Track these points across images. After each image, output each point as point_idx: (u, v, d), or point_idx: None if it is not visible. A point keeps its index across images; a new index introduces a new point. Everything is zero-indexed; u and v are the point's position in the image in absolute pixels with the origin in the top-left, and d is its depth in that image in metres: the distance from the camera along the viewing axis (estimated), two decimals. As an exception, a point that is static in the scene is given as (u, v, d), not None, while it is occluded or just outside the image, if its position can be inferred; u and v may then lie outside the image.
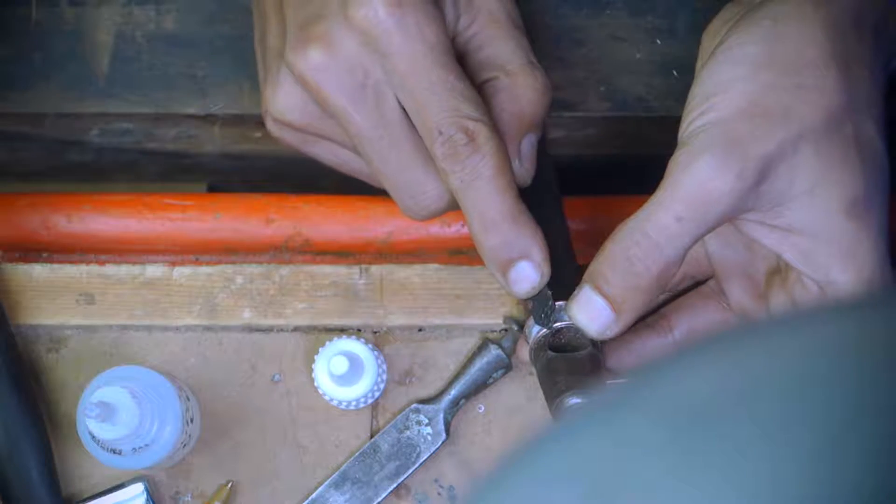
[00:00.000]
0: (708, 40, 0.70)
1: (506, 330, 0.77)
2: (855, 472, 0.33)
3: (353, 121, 0.66)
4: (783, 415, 0.34)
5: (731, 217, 0.66)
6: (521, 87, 0.69)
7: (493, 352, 0.76)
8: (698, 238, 0.66)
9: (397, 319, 0.77)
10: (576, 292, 0.68)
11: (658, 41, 0.81)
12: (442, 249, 0.81)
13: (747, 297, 0.72)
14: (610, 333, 0.68)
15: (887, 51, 0.68)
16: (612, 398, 0.39)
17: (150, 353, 0.77)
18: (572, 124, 0.82)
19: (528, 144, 0.70)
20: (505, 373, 0.76)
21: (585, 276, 0.68)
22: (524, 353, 0.73)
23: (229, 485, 0.76)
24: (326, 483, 0.76)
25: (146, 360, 0.77)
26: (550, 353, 0.70)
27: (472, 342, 0.77)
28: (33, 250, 0.81)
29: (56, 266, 0.78)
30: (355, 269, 0.78)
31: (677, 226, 0.65)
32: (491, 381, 0.76)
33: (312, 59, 0.66)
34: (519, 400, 0.77)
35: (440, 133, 0.66)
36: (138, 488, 0.75)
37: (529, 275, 0.68)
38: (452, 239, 0.80)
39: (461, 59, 0.69)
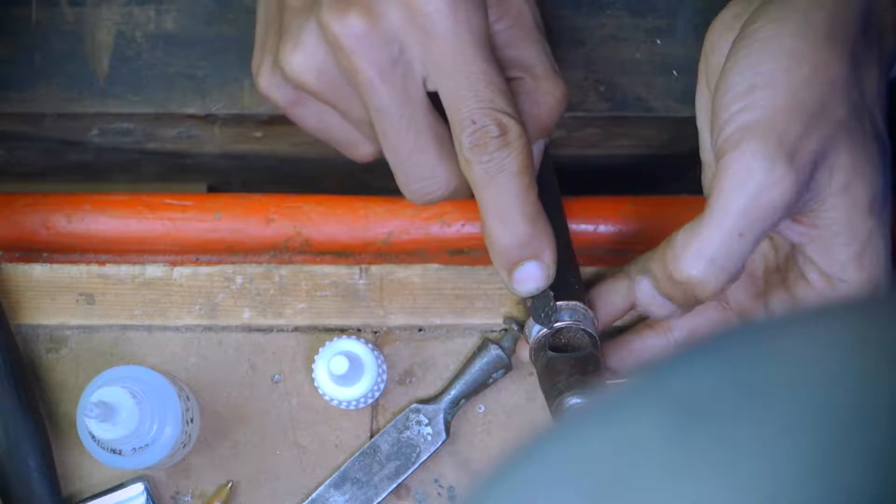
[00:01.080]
0: (716, 35, 0.69)
1: (506, 330, 0.77)
2: (856, 472, 0.33)
3: (378, 94, 0.66)
4: (783, 415, 0.34)
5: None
6: (543, 93, 0.69)
7: (493, 352, 0.76)
8: (757, 245, 0.65)
9: (397, 319, 0.77)
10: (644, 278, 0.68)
11: (658, 41, 0.81)
12: (442, 249, 0.81)
13: (746, 296, 0.72)
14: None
15: (889, 56, 0.68)
16: (613, 398, 0.39)
17: (150, 353, 0.77)
18: (572, 124, 0.82)
19: (537, 149, 0.70)
20: (505, 373, 0.76)
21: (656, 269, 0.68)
22: (524, 352, 0.73)
23: (229, 485, 0.76)
24: (326, 483, 0.76)
25: (146, 360, 0.77)
26: (551, 353, 0.70)
27: (472, 342, 0.77)
28: (33, 250, 0.81)
29: (56, 266, 0.78)
30: (355, 269, 0.78)
31: (739, 242, 0.64)
32: (491, 381, 0.76)
33: (351, 25, 0.65)
34: (519, 400, 0.77)
35: (473, 122, 0.65)
36: (138, 488, 0.75)
37: (536, 275, 0.68)
38: (453, 239, 0.80)
39: None
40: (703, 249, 0.64)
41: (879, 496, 0.32)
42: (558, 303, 0.70)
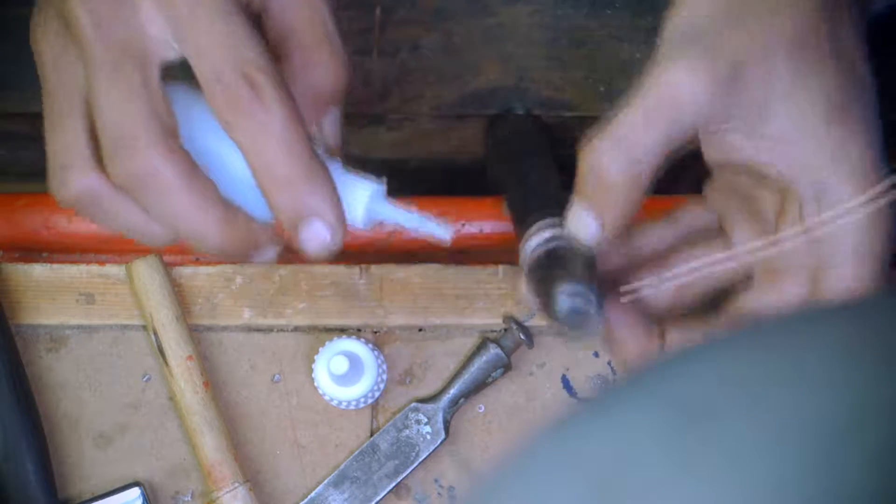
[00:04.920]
0: None
1: (506, 329, 0.77)
2: (857, 472, 0.33)
3: (93, 49, 0.60)
4: (784, 414, 0.34)
5: (709, 122, 0.66)
6: (316, 64, 0.63)
7: (493, 351, 0.76)
8: (673, 140, 0.65)
9: (397, 319, 0.77)
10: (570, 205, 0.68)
11: (658, 41, 0.81)
12: (442, 249, 0.81)
13: (757, 237, 0.71)
14: (603, 240, 0.67)
15: None
16: (613, 398, 0.39)
17: (149, 353, 0.77)
18: (572, 124, 0.82)
19: (330, 120, 0.65)
20: (504, 372, 0.76)
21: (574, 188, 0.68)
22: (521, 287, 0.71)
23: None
24: (325, 482, 0.76)
25: (145, 360, 0.77)
26: (545, 268, 0.68)
27: (472, 342, 0.77)
28: (33, 250, 0.81)
29: (56, 266, 0.78)
30: (355, 269, 0.78)
31: (646, 124, 0.65)
32: (490, 380, 0.76)
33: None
34: (519, 400, 0.77)
35: (219, 81, 0.58)
36: (134, 493, 0.75)
37: (321, 234, 0.62)
38: (452, 239, 0.80)
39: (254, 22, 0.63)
40: (609, 126, 0.65)
41: (879, 494, 0.32)
42: (553, 219, 0.69)
